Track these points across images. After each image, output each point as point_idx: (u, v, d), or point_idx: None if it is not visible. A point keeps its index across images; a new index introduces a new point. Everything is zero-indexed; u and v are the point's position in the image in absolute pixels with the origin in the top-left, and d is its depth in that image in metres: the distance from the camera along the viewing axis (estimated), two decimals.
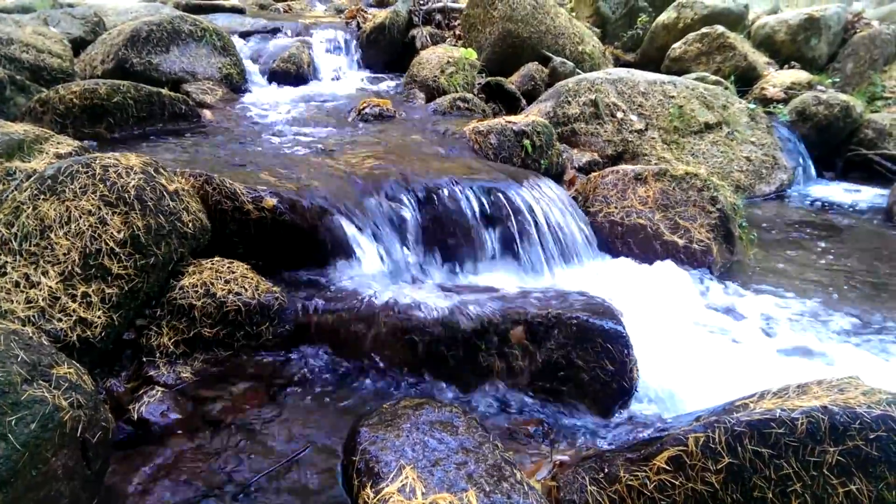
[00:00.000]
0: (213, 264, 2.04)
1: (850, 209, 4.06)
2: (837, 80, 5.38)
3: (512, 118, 3.48)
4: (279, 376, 1.91)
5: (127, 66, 3.88)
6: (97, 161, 1.91)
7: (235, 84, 4.38)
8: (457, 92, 4.41)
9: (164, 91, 3.44)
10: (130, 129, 3.22)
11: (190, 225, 2.02)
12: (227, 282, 1.98)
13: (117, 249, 1.81)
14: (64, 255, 1.76)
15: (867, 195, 4.33)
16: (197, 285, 1.95)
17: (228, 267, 2.04)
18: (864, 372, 2.16)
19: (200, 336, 1.92)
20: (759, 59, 5.43)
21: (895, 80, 5.34)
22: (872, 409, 1.33)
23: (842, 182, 4.63)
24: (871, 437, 1.29)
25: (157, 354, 1.88)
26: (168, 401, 1.76)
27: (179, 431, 1.68)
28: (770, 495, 1.31)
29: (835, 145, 4.72)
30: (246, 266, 2.09)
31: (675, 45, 5.48)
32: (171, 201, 1.98)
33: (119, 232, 1.82)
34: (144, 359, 1.88)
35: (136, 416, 1.70)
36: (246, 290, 1.98)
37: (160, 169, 2.04)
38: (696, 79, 4.77)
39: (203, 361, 1.91)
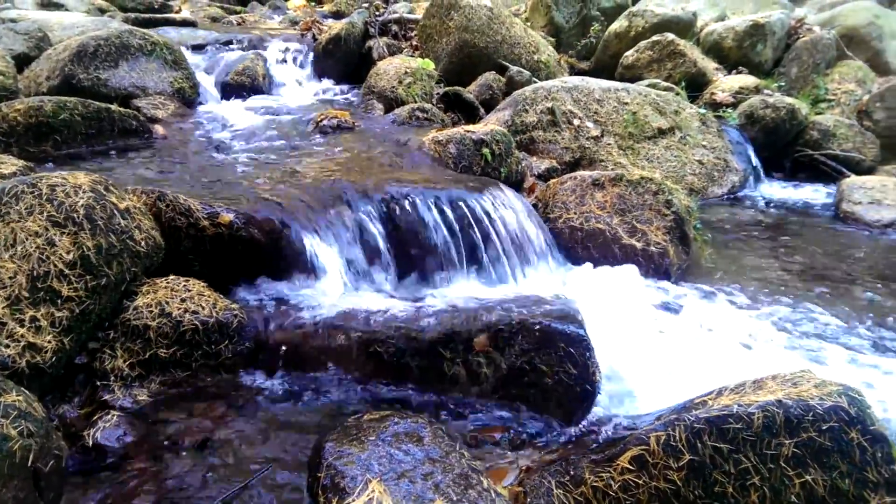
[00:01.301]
0: (168, 283, 1.99)
1: (799, 208, 4.20)
2: (783, 83, 5.57)
3: (471, 127, 3.50)
4: (240, 395, 1.87)
5: (74, 81, 3.78)
6: (43, 180, 1.85)
7: (188, 98, 4.30)
8: (415, 102, 4.42)
9: (114, 107, 3.36)
10: (79, 146, 3.13)
11: (143, 243, 1.97)
12: (183, 300, 1.93)
13: (66, 271, 1.75)
14: (10, 278, 1.70)
15: (815, 194, 4.49)
16: (151, 305, 1.90)
17: (184, 285, 2.00)
18: (816, 365, 2.24)
19: (156, 357, 1.87)
20: (709, 64, 5.59)
21: (837, 82, 5.55)
22: (824, 400, 1.37)
23: (790, 182, 4.79)
24: (824, 427, 1.34)
25: (112, 378, 1.83)
26: (124, 425, 1.70)
27: (137, 456, 1.64)
28: (730, 490, 1.34)
29: (782, 147, 4.88)
30: (202, 284, 2.04)
31: (628, 53, 5.60)
32: (123, 220, 1.93)
33: (68, 253, 1.76)
34: (98, 383, 1.82)
35: (91, 443, 1.65)
36: (203, 308, 1.94)
37: (110, 187, 1.99)
38: (649, 85, 4.88)
39: (160, 383, 1.86)
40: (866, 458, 1.32)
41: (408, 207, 2.57)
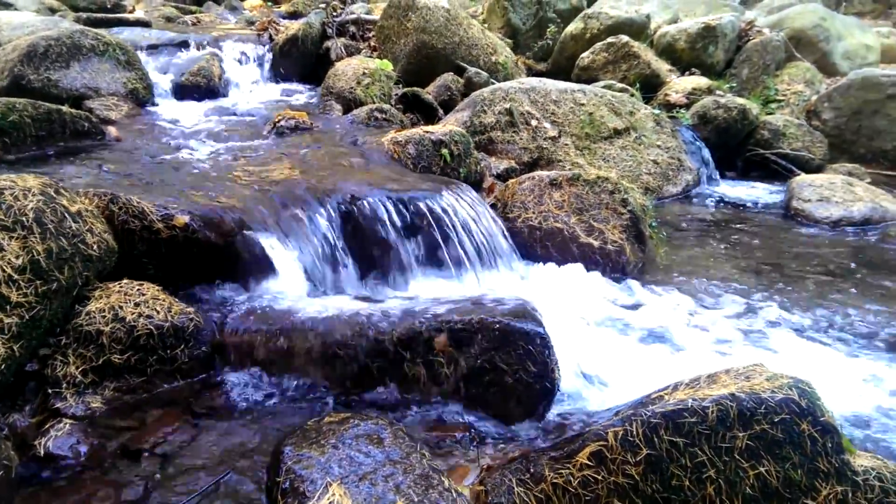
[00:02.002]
0: (121, 287, 1.94)
1: (752, 205, 4.32)
2: (734, 84, 5.73)
3: (430, 128, 3.51)
4: (197, 400, 1.84)
5: (23, 82, 3.66)
6: None
7: (142, 99, 4.20)
8: (374, 103, 4.41)
9: (65, 108, 3.25)
10: (29, 148, 3.03)
11: (95, 247, 1.92)
12: (137, 305, 1.89)
13: (16, 276, 1.69)
14: None
15: (766, 192, 4.62)
16: (105, 310, 1.85)
17: (138, 289, 1.95)
18: (768, 357, 2.31)
19: (110, 363, 1.82)
20: (662, 66, 5.71)
21: (786, 83, 5.73)
22: (776, 393, 1.41)
23: (743, 181, 4.93)
24: (776, 420, 1.37)
25: (64, 385, 1.77)
26: (77, 433, 1.66)
27: (91, 465, 1.59)
28: (687, 483, 1.36)
29: (735, 146, 5.02)
30: (157, 287, 2.00)
31: (584, 55, 5.68)
32: (74, 223, 1.88)
33: (17, 258, 1.70)
34: (50, 390, 1.76)
35: (42, 452, 1.60)
36: (158, 312, 1.90)
37: (61, 190, 1.93)
38: (605, 86, 4.96)
39: (114, 390, 1.82)
40: (817, 448, 1.36)
41: (367, 208, 2.56)
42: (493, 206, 3.19)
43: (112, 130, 3.48)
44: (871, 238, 3.65)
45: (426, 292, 2.37)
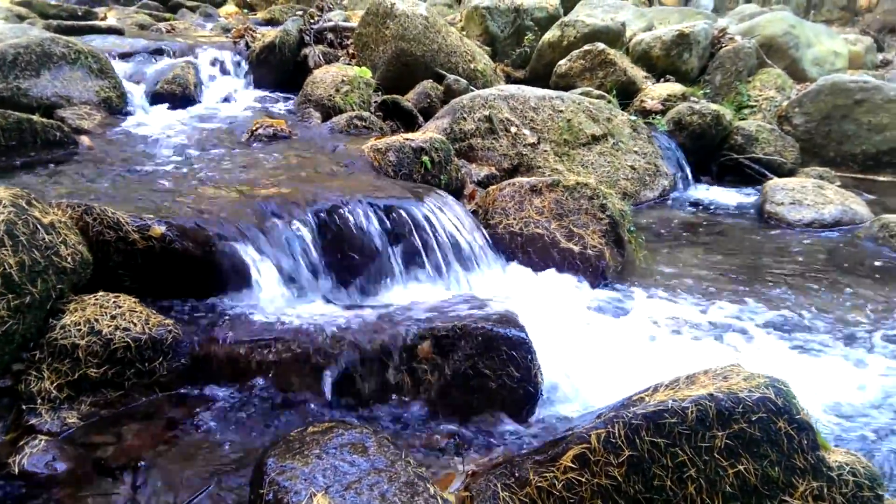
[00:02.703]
0: (97, 300, 1.91)
1: (726, 209, 4.40)
2: (708, 91, 5.83)
3: (410, 135, 3.51)
4: (176, 413, 1.81)
5: None
6: None
7: (115, 108, 4.14)
8: (353, 110, 4.40)
9: (36, 117, 3.20)
10: None
11: (69, 259, 1.88)
12: (113, 317, 1.86)
13: None
14: None
15: (740, 196, 4.70)
16: (80, 323, 1.82)
17: (114, 301, 1.92)
18: (745, 357, 2.34)
19: (87, 377, 1.78)
20: (638, 73, 5.78)
21: (758, 89, 5.84)
22: (753, 392, 1.43)
23: (717, 185, 5.01)
24: (754, 419, 1.40)
25: (39, 400, 1.74)
26: (53, 450, 1.62)
27: (68, 482, 1.56)
28: (668, 483, 1.38)
29: (709, 151, 5.10)
30: (134, 299, 1.97)
31: (561, 62, 5.74)
32: (47, 235, 1.84)
33: None
34: (24, 406, 1.72)
35: (17, 470, 1.56)
36: (135, 324, 1.87)
37: (33, 201, 1.90)
38: (582, 93, 5.01)
39: (91, 404, 1.78)
40: (793, 446, 1.39)
41: (347, 216, 2.55)
42: (474, 212, 3.21)
43: (85, 140, 3.43)
44: (842, 239, 3.73)
45: (408, 299, 2.37)
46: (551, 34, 6.05)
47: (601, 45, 5.58)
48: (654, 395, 1.55)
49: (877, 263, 3.34)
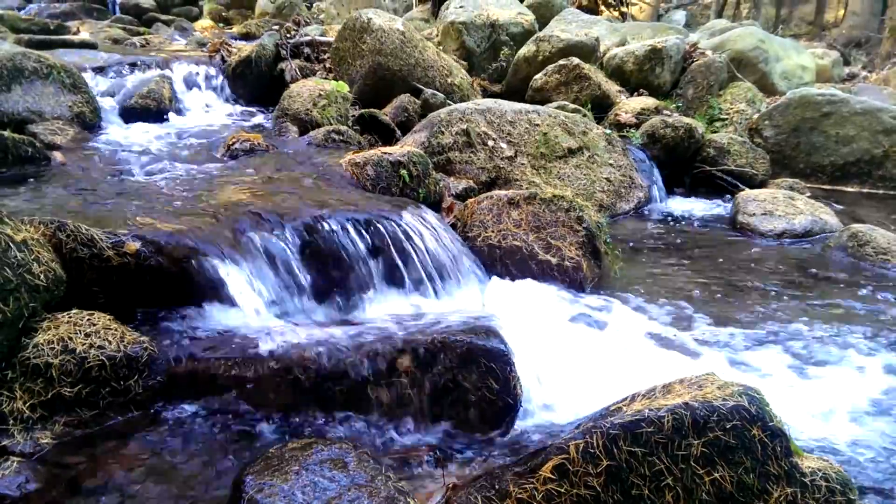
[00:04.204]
0: (70, 317, 1.88)
1: (700, 220, 4.47)
2: (681, 104, 5.94)
3: (388, 149, 3.52)
4: (152, 432, 1.78)
5: None
6: None
7: (89, 123, 4.10)
8: (331, 124, 4.40)
9: (7, 133, 3.15)
10: None
11: (42, 277, 1.85)
12: (87, 335, 1.83)
13: None
14: None
15: (713, 207, 4.79)
16: (53, 342, 1.79)
17: (88, 319, 1.89)
18: (719, 366, 2.38)
19: (60, 397, 1.75)
20: (612, 87, 5.88)
21: (729, 102, 5.96)
22: (727, 401, 1.46)
23: (691, 197, 5.09)
24: (728, 426, 1.42)
25: (11, 421, 1.70)
26: (26, 471, 1.59)
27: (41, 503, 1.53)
28: (646, 492, 1.39)
29: (682, 164, 5.19)
30: (108, 317, 1.94)
31: (537, 77, 5.81)
32: (19, 252, 1.81)
33: None
34: None
35: None
36: (110, 342, 1.84)
37: (4, 218, 1.87)
38: (558, 107, 5.07)
39: (65, 424, 1.75)
40: (767, 452, 1.41)
41: (325, 230, 2.55)
42: (452, 225, 3.22)
43: (58, 156, 3.38)
44: (813, 249, 3.82)
45: (388, 313, 2.37)
46: (527, 49, 6.12)
47: (576, 60, 5.66)
48: (630, 404, 1.57)
49: (846, 272, 3.42)
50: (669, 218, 4.49)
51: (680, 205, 4.85)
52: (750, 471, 1.40)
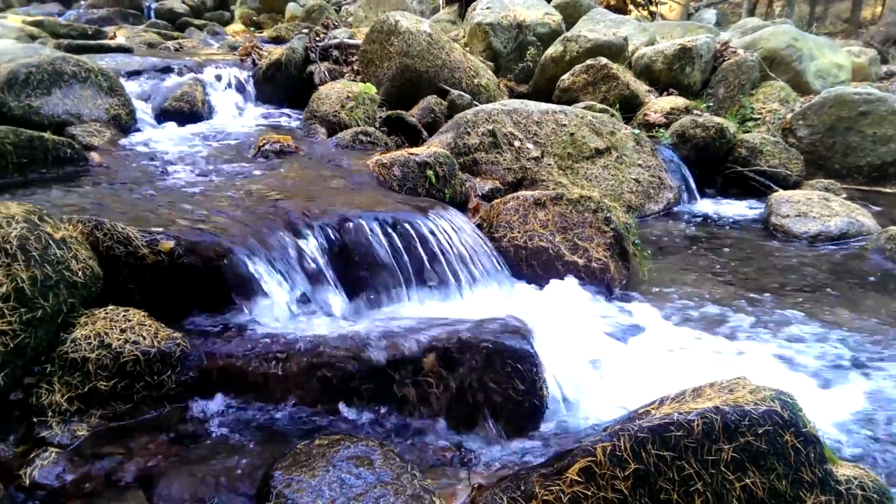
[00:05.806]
0: (107, 314, 1.93)
1: (731, 222, 4.40)
2: (711, 104, 5.85)
3: (414, 150, 3.54)
4: (184, 426, 1.82)
5: (4, 110, 3.65)
6: None
7: (125, 125, 4.20)
8: (358, 126, 4.44)
9: (47, 135, 3.25)
10: (11, 175, 3.02)
11: (80, 274, 1.91)
12: (123, 331, 1.88)
13: (0, 304, 1.68)
14: None
15: (745, 209, 4.70)
16: (90, 337, 1.84)
17: (124, 315, 1.94)
18: (751, 370, 2.34)
19: (96, 390, 1.80)
20: (641, 87, 5.81)
21: (762, 102, 5.85)
22: (759, 405, 1.43)
23: (722, 197, 5.01)
24: (760, 431, 1.39)
25: (50, 413, 1.76)
26: (63, 462, 1.64)
27: (77, 494, 1.57)
28: (675, 496, 1.38)
29: (713, 164, 5.10)
30: (143, 313, 1.99)
31: (564, 77, 5.78)
32: (59, 250, 1.87)
33: (1, 286, 1.69)
34: (35, 419, 1.74)
35: (28, 481, 1.58)
36: (144, 338, 1.89)
37: (45, 216, 1.93)
38: (585, 107, 5.04)
39: (100, 417, 1.80)
40: (801, 459, 1.39)
41: (354, 230, 2.57)
42: (478, 226, 3.22)
43: (95, 156, 3.48)
44: (849, 253, 3.73)
45: (414, 312, 2.38)
46: (554, 49, 6.09)
47: (604, 60, 5.62)
48: (659, 408, 1.55)
49: (884, 276, 3.33)
50: (700, 219, 4.43)
51: (711, 206, 4.78)
52: (782, 477, 1.38)
